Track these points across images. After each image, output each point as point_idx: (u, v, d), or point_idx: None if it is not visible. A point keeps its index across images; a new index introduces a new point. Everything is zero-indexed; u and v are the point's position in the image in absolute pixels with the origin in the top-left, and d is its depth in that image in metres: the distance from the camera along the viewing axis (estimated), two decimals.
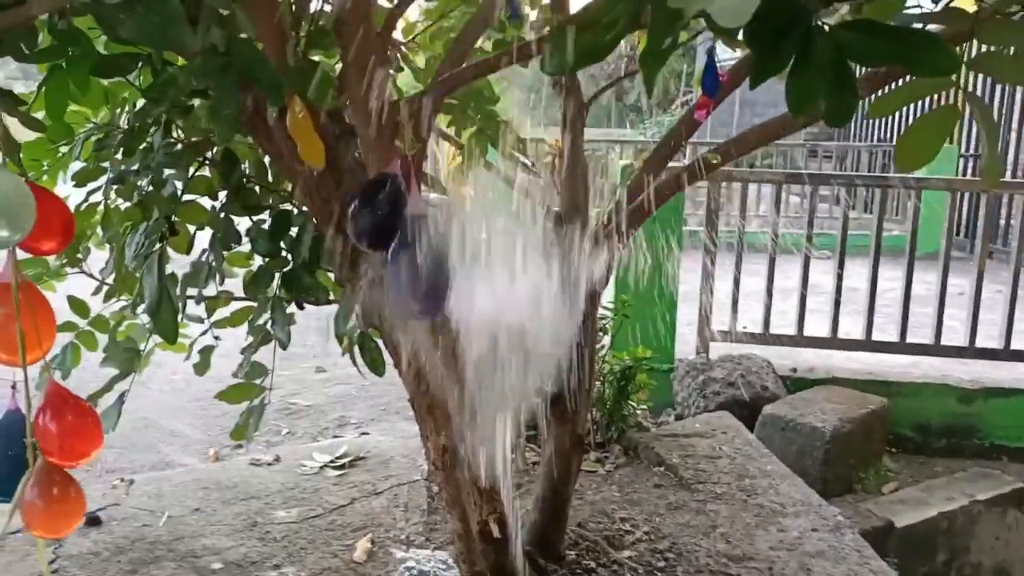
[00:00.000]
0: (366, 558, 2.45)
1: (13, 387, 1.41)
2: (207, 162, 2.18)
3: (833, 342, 4.45)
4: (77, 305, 2.46)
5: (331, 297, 2.34)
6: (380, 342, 2.25)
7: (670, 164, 2.52)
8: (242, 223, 2.26)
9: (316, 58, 1.88)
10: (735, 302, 4.45)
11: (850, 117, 1.20)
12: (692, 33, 2.81)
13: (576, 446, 2.42)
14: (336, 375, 5.04)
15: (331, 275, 2.39)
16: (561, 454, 2.41)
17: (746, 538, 2.63)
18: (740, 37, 1.05)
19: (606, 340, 3.43)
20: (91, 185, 2.28)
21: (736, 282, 4.46)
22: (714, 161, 2.01)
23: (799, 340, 4.47)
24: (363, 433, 3.93)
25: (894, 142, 10.03)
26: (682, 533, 2.65)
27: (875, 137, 11.76)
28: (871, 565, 2.49)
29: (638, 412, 3.52)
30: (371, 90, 1.58)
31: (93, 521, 2.64)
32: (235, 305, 2.43)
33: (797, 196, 9.50)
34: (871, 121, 11.93)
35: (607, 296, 3.13)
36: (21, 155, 1.91)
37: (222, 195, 2.26)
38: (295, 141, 1.39)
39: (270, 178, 2.33)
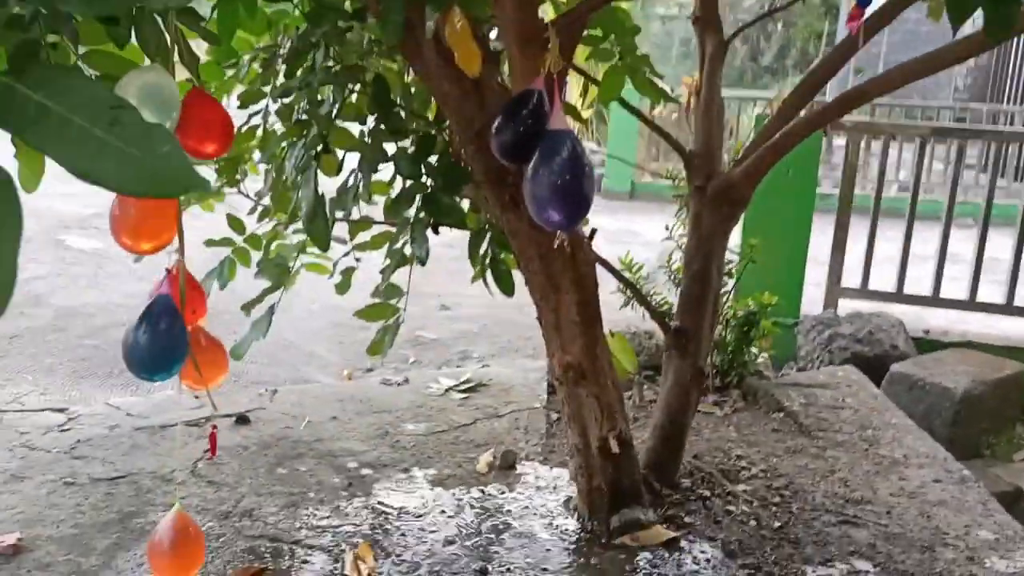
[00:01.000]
0: (487, 470, 2.58)
1: (168, 271, 1.56)
2: (360, 86, 2.31)
3: (971, 304, 4.28)
4: (235, 222, 2.66)
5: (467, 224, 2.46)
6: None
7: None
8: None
9: None
10: (868, 258, 4.33)
11: (1010, 29, 1.19)
12: None
13: (696, 379, 2.47)
14: (460, 314, 5.21)
15: (466, 203, 2.50)
16: (681, 386, 2.46)
17: (865, 484, 2.62)
18: None
19: (730, 284, 3.42)
20: (251, 108, 2.47)
21: (871, 238, 4.34)
22: (858, 75, 1.97)
23: (934, 301, 4.32)
24: (484, 365, 4.08)
25: None
26: (799, 474, 2.66)
27: None
28: (996, 518, 2.44)
29: (759, 360, 3.51)
30: (521, 8, 1.66)
31: (242, 420, 2.88)
32: (375, 230, 2.59)
33: (940, 163, 9.03)
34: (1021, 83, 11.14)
35: (734, 239, 3.11)
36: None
37: (370, 121, 2.40)
38: (453, 50, 1.48)
39: (415, 106, 2.45)
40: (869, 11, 2.33)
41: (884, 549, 2.23)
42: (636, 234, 7.11)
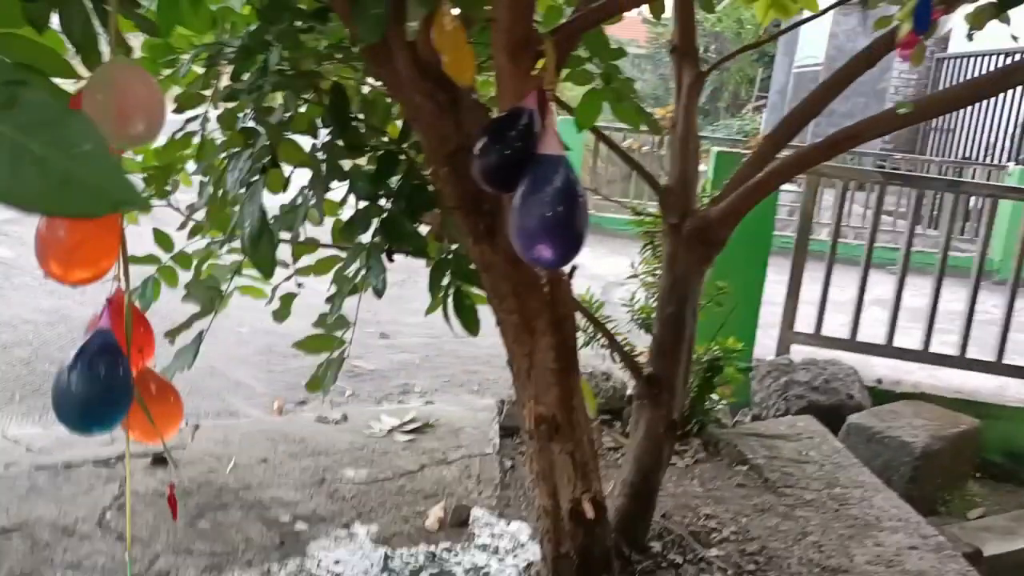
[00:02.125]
0: (437, 527, 2.33)
1: (108, 300, 1.30)
2: (315, 95, 2.08)
3: (925, 355, 4.22)
4: (162, 238, 2.37)
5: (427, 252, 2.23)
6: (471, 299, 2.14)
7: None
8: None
9: None
10: (822, 304, 4.24)
11: None
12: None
13: (670, 431, 2.27)
14: (400, 343, 4.94)
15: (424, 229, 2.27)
16: (653, 439, 2.26)
17: (840, 549, 2.46)
18: None
19: None
20: (188, 114, 2.20)
21: (825, 283, 4.25)
22: (901, 111, 1.81)
23: (888, 350, 4.24)
24: (428, 402, 3.83)
25: (969, 158, 9.65)
26: (771, 537, 2.48)
27: (950, 152, 11.27)
28: None
29: (719, 407, 3.35)
30: (515, 14, 1.45)
31: (159, 460, 2.57)
32: (320, 253, 2.34)
33: (865, 207, 9.15)
34: (945, 136, 11.51)
35: None
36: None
37: (322, 135, 2.16)
38: (441, 55, 1.26)
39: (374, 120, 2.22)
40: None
41: None
42: (579, 267, 6.94)
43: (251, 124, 2.04)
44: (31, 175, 0.47)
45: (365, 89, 2.26)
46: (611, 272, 6.20)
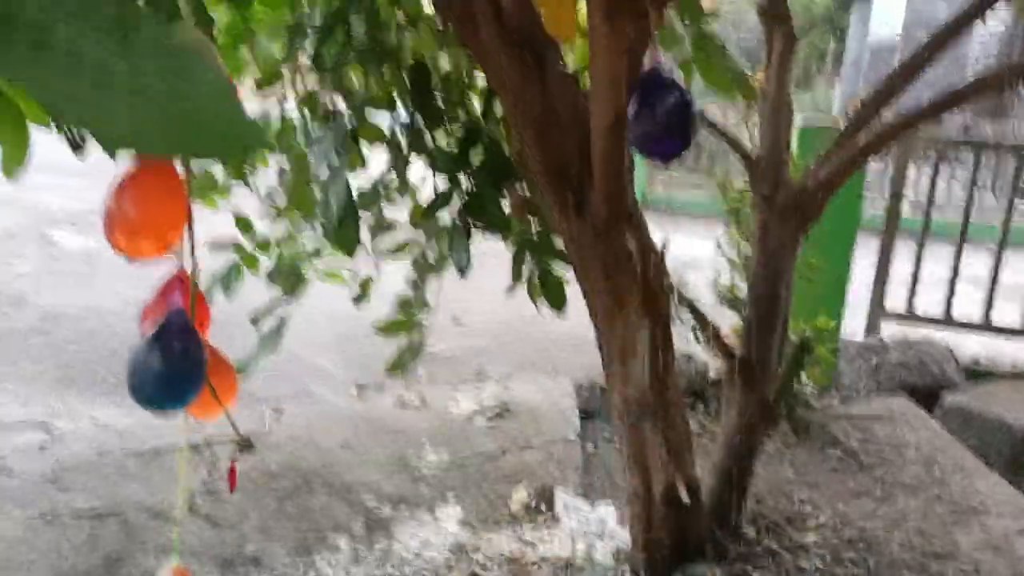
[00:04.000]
0: (522, 511, 2.28)
1: (177, 278, 1.28)
2: (394, 71, 2.03)
3: None
4: (242, 223, 2.38)
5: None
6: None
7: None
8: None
9: None
10: (914, 281, 4.06)
11: None
12: None
13: (764, 415, 2.18)
14: (473, 328, 4.91)
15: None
16: (747, 422, 2.18)
17: (943, 534, 2.33)
18: None
19: None
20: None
21: (917, 259, 4.06)
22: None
23: (985, 328, 4.04)
24: (505, 386, 3.79)
25: None
26: (869, 522, 2.37)
27: None
28: None
29: (807, 389, 3.23)
30: None
31: (245, 445, 2.58)
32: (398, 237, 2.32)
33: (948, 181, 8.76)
34: None
35: None
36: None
37: (401, 112, 2.13)
38: (541, 8, 1.19)
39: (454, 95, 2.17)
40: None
41: None
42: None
43: (331, 103, 2.02)
44: (152, 114, 0.43)
45: (443, 62, 2.21)
46: (685, 253, 6.08)
